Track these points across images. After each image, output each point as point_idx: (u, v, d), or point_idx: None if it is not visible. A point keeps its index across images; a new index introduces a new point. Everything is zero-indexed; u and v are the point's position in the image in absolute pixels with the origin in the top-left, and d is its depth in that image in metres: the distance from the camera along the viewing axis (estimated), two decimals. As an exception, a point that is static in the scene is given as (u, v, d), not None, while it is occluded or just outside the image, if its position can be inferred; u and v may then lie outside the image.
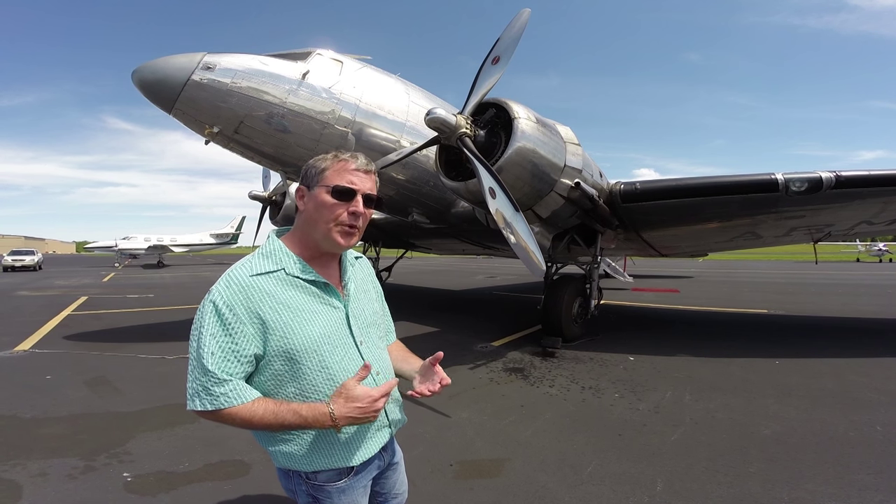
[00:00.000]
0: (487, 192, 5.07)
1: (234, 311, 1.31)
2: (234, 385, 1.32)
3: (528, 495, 3.01)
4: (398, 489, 1.74)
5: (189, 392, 1.33)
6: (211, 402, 1.30)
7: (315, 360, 1.39)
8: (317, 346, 1.39)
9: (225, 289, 1.34)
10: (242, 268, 1.39)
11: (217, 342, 1.30)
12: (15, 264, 31.16)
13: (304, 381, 1.39)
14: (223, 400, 1.30)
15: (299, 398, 1.39)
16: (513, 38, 5.22)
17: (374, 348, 1.57)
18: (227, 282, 1.35)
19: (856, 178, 6.24)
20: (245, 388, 1.34)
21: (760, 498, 2.94)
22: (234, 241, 46.25)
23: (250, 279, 1.36)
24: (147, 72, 5.60)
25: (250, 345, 1.33)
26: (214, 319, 1.31)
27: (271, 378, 1.39)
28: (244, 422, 1.33)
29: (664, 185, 7.10)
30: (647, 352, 6.88)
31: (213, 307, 1.32)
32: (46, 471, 3.29)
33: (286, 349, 1.36)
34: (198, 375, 1.31)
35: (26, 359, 6.63)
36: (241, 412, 1.32)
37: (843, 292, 15.56)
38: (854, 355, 6.62)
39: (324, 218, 1.42)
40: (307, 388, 1.40)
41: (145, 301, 13.82)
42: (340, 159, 1.44)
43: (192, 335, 1.35)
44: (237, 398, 1.32)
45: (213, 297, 1.33)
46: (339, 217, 1.42)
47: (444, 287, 18.83)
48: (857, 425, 4.10)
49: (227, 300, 1.32)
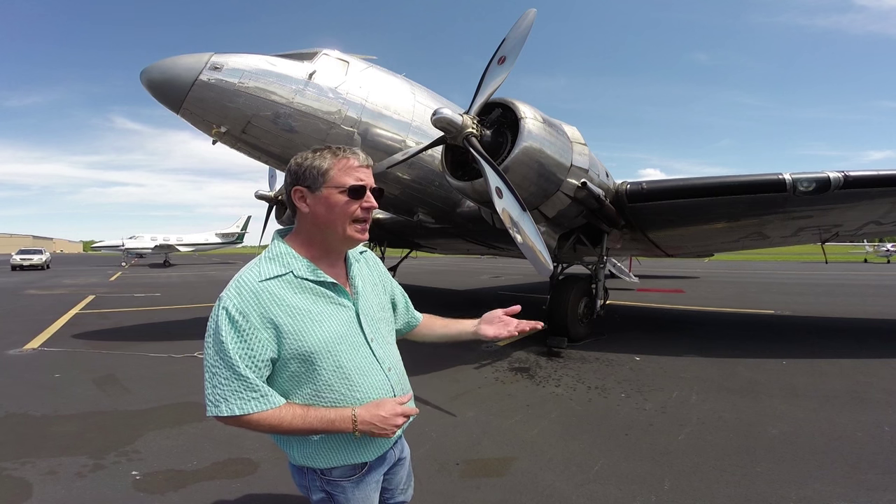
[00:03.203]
0: (494, 192, 5.07)
1: (247, 318, 1.31)
2: (264, 390, 1.33)
3: (535, 494, 3.01)
4: (405, 484, 1.76)
5: (210, 398, 1.32)
6: (240, 406, 1.30)
7: (330, 360, 1.40)
8: (331, 347, 1.40)
9: (236, 295, 1.34)
10: (251, 272, 1.39)
11: (237, 349, 1.30)
12: (23, 263, 31.43)
13: (320, 381, 1.40)
14: (254, 405, 1.31)
15: (315, 398, 1.40)
16: (519, 38, 5.22)
17: (385, 344, 1.58)
18: (237, 288, 1.35)
19: (864, 179, 6.20)
20: (274, 394, 1.36)
21: (768, 497, 2.93)
22: (239, 240, 46.46)
23: (260, 284, 1.36)
24: (155, 72, 5.64)
25: (266, 350, 1.34)
26: (229, 327, 1.31)
27: (288, 380, 1.40)
28: (271, 427, 1.34)
29: (671, 185, 7.08)
30: (653, 352, 6.86)
31: (226, 314, 1.32)
32: (56, 469, 3.32)
33: (301, 352, 1.36)
34: (221, 381, 1.31)
35: (35, 357, 6.69)
36: (270, 418, 1.33)
37: (851, 293, 15.44)
38: (862, 356, 6.57)
39: (340, 218, 1.43)
40: (322, 388, 1.41)
41: (152, 300, 13.92)
42: (341, 157, 1.43)
43: (208, 342, 1.34)
44: (267, 403, 1.33)
45: (224, 304, 1.33)
46: (354, 214, 1.44)
47: (448, 287, 18.83)
48: (866, 426, 4.08)
49: (240, 307, 1.32)
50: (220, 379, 1.30)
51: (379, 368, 1.50)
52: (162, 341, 7.66)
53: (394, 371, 1.56)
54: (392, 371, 1.55)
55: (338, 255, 1.54)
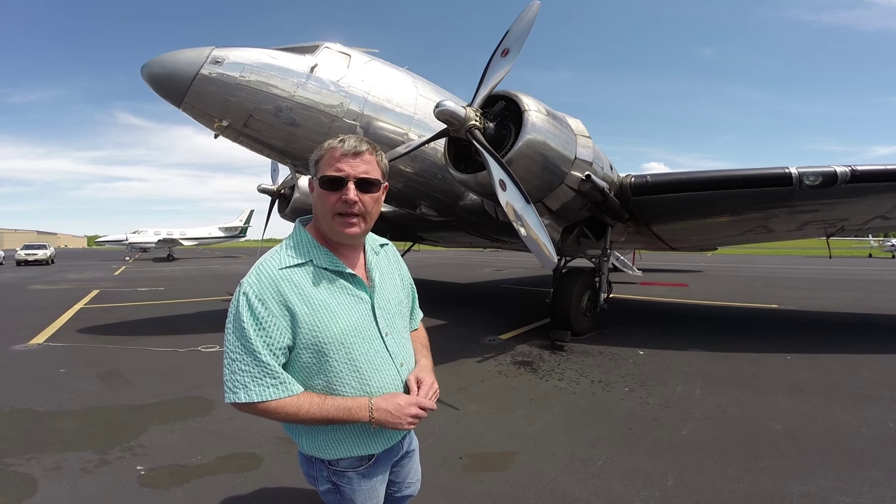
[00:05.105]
0: (498, 185, 5.05)
1: (266, 305, 1.33)
2: (284, 377, 1.35)
3: (538, 489, 3.02)
4: (412, 478, 1.76)
5: (229, 384, 1.33)
6: (259, 393, 1.31)
7: (342, 352, 1.41)
8: (344, 339, 1.41)
9: (256, 282, 1.36)
10: (272, 260, 1.41)
11: (256, 335, 1.32)
12: (28, 258, 31.52)
13: (331, 373, 1.41)
14: (272, 392, 1.32)
15: (326, 390, 1.41)
16: (522, 31, 5.17)
17: (399, 338, 1.58)
18: (257, 275, 1.37)
19: (871, 173, 6.14)
20: (293, 381, 1.37)
21: (771, 493, 2.93)
22: (242, 234, 46.51)
23: (280, 272, 1.38)
24: (156, 66, 5.61)
25: (283, 337, 1.35)
26: (248, 313, 1.33)
27: (300, 370, 1.41)
28: (288, 415, 1.35)
29: (675, 178, 7.04)
30: (657, 346, 6.85)
31: (245, 300, 1.34)
32: (61, 464, 3.34)
33: (314, 342, 1.37)
34: (241, 367, 1.32)
35: (40, 352, 6.73)
36: (288, 405, 1.34)
37: (856, 288, 15.36)
38: (867, 351, 6.54)
39: (322, 209, 1.44)
40: (333, 379, 1.41)
41: (156, 294, 13.97)
42: (331, 147, 1.42)
43: (228, 328, 1.36)
44: (286, 390, 1.34)
45: (245, 290, 1.35)
46: (334, 207, 1.41)
47: (451, 280, 18.80)
48: (869, 422, 4.06)
49: (259, 294, 1.34)
50: (240, 364, 1.32)
51: (391, 363, 1.50)
52: (166, 335, 7.69)
53: (405, 367, 1.56)
54: (404, 367, 1.55)
55: (349, 246, 1.52)
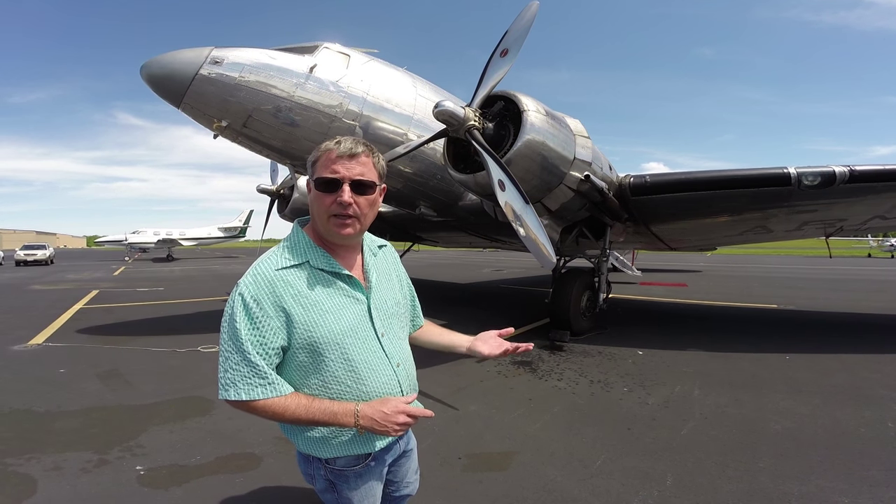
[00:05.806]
0: (497, 185, 5.05)
1: (261, 306, 1.35)
2: (272, 378, 1.36)
3: (537, 489, 3.02)
4: (410, 477, 1.77)
5: (222, 382, 1.36)
6: (248, 392, 1.34)
7: (337, 353, 1.42)
8: (339, 339, 1.42)
9: (252, 283, 1.37)
10: (269, 261, 1.42)
11: (249, 335, 1.34)
12: (27, 259, 31.48)
13: (327, 373, 1.42)
14: (260, 391, 1.34)
15: (321, 389, 1.43)
16: (521, 31, 5.17)
17: (396, 339, 1.58)
18: (254, 276, 1.39)
19: (870, 173, 6.15)
20: (282, 382, 1.39)
21: (770, 493, 2.93)
22: (241, 234, 46.49)
23: (276, 273, 1.39)
24: (155, 66, 5.60)
25: (277, 338, 1.37)
26: (243, 314, 1.35)
27: (296, 369, 1.43)
28: (275, 414, 1.37)
29: (675, 178, 7.04)
30: (656, 346, 6.85)
31: (241, 301, 1.36)
32: (60, 464, 3.33)
33: (310, 342, 1.39)
34: (232, 365, 1.34)
35: (40, 352, 6.72)
36: (274, 405, 1.36)
37: (855, 288, 15.39)
38: (866, 351, 6.55)
39: (318, 211, 1.44)
40: (329, 380, 1.42)
41: (155, 294, 13.96)
42: (327, 149, 1.42)
43: (224, 327, 1.38)
44: (273, 391, 1.36)
45: (241, 291, 1.37)
46: (329, 208, 1.41)
47: (450, 280, 18.82)
48: (869, 422, 4.07)
49: (255, 294, 1.36)
50: (232, 363, 1.34)
51: (387, 363, 1.51)
52: (165, 335, 7.69)
53: (402, 367, 1.56)
54: (400, 367, 1.55)
55: (345, 247, 1.53)
